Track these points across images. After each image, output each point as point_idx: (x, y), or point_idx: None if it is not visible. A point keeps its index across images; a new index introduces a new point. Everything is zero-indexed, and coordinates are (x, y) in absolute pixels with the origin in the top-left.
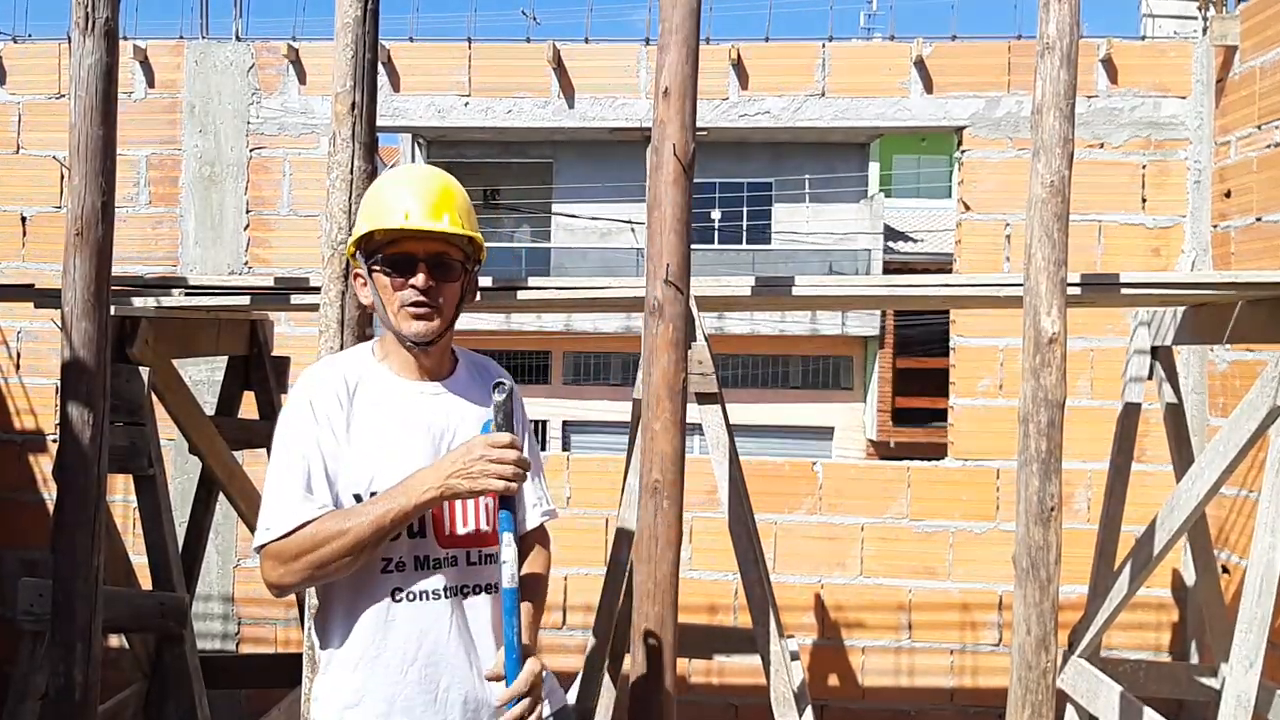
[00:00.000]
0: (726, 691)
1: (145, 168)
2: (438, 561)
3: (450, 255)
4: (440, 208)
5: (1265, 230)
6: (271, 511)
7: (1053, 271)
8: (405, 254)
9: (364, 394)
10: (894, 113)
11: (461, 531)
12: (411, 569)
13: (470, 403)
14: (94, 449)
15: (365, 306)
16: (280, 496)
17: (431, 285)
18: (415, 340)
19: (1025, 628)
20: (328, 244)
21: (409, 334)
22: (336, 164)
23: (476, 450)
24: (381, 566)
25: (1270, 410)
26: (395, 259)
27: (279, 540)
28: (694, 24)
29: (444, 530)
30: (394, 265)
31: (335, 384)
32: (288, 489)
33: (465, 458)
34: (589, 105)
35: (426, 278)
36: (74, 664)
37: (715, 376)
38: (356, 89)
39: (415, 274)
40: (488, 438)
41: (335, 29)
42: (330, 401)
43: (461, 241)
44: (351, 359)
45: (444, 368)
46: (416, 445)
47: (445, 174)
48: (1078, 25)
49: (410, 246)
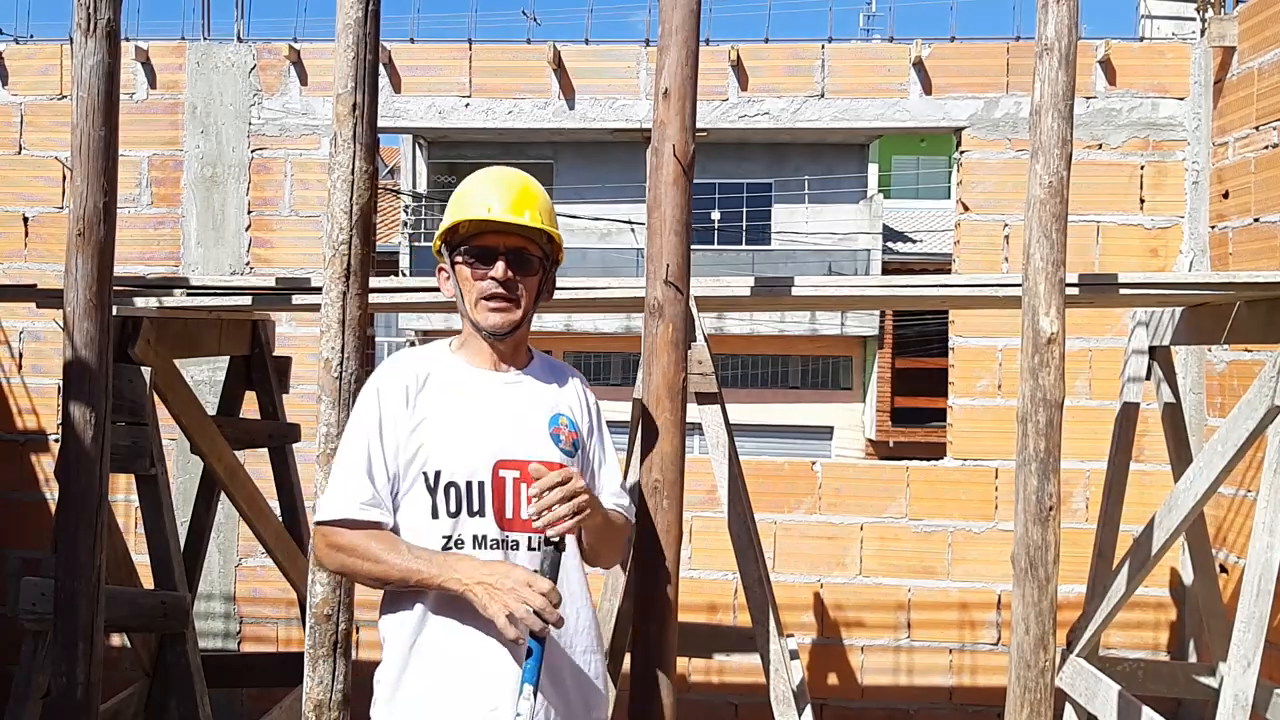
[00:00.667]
0: (726, 690)
1: (147, 168)
2: (496, 542)
3: (529, 251)
4: (522, 204)
5: (1263, 231)
6: (329, 494)
7: (1051, 272)
8: (487, 246)
9: (434, 383)
10: (893, 113)
11: (524, 516)
12: (470, 547)
13: (540, 391)
14: (96, 449)
15: (446, 300)
16: (338, 482)
17: (510, 277)
18: (492, 331)
19: (1024, 627)
20: (329, 244)
21: (486, 325)
22: (338, 165)
23: (517, 576)
24: (442, 544)
25: (1268, 410)
26: (477, 251)
27: (328, 524)
28: (694, 25)
29: (504, 513)
30: (475, 256)
31: (404, 375)
32: (346, 476)
33: (503, 577)
34: (589, 106)
35: (506, 269)
36: (76, 663)
37: (715, 376)
38: (358, 90)
39: (495, 265)
40: (534, 577)
41: (336, 30)
42: (397, 391)
43: (540, 239)
44: (424, 352)
45: (520, 360)
46: (481, 427)
47: (528, 175)
48: (1076, 26)
49: (491, 240)
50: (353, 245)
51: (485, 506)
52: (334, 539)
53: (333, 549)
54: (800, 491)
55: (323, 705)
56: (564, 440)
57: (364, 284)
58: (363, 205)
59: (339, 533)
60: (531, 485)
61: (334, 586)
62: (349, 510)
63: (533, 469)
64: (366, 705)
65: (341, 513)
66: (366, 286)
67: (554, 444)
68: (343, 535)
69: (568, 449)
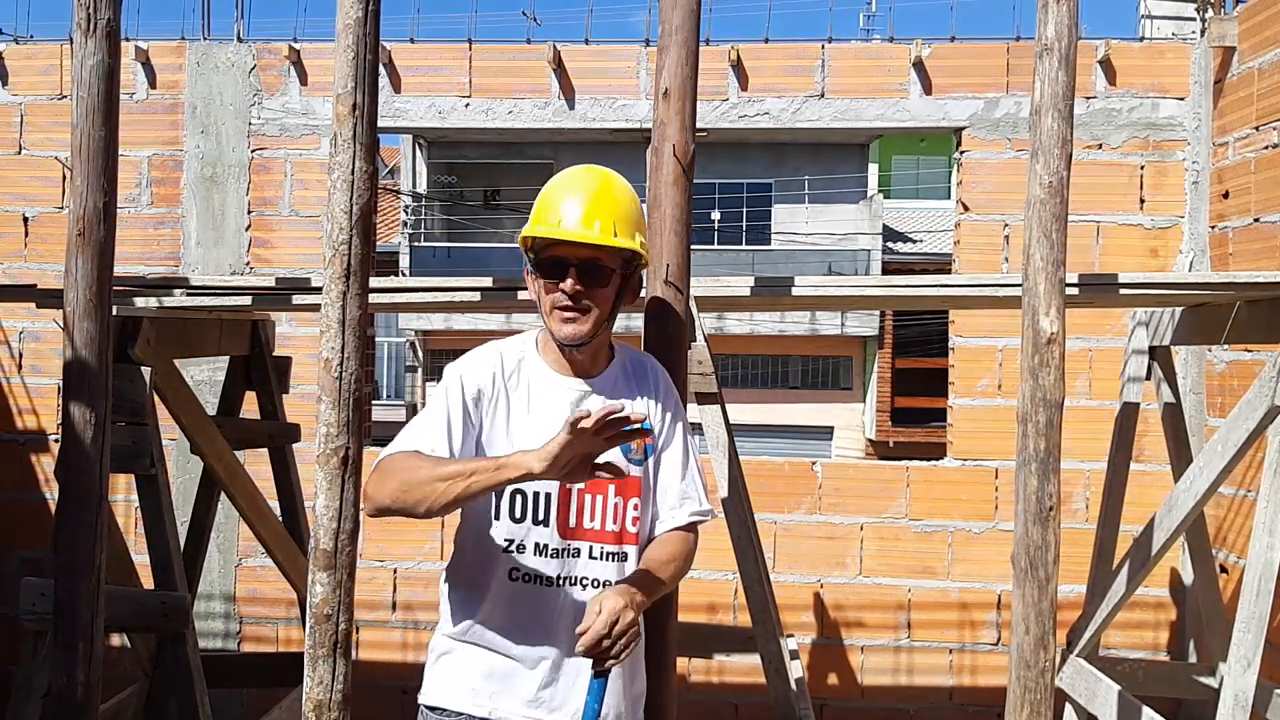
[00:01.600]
0: (726, 690)
1: (147, 168)
2: (557, 551)
3: (602, 261)
4: (595, 215)
5: (1263, 231)
6: (399, 439)
7: (1051, 272)
8: (557, 258)
9: (517, 380)
10: (893, 114)
11: (587, 525)
12: (531, 553)
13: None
14: (96, 449)
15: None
16: (406, 436)
17: (579, 290)
18: (564, 342)
19: (1024, 627)
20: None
21: (558, 336)
22: (338, 165)
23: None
24: (504, 546)
25: (1268, 410)
26: (548, 263)
27: (389, 458)
28: (694, 25)
29: (567, 523)
30: (546, 269)
31: (493, 363)
32: (417, 433)
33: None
34: (589, 106)
35: (575, 282)
36: (76, 663)
37: (715, 376)
38: (358, 90)
39: (565, 278)
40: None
41: (336, 30)
42: (483, 377)
43: (616, 248)
44: (516, 344)
45: (597, 365)
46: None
47: (615, 178)
48: (1076, 27)
49: (562, 251)
50: (353, 245)
51: (550, 517)
52: (384, 467)
53: (384, 475)
54: (800, 491)
55: (323, 706)
56: (635, 449)
57: (364, 284)
58: (363, 205)
59: (391, 460)
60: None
61: (334, 587)
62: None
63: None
64: (365, 705)
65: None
66: (366, 286)
67: (623, 455)
68: (393, 460)
69: (638, 458)
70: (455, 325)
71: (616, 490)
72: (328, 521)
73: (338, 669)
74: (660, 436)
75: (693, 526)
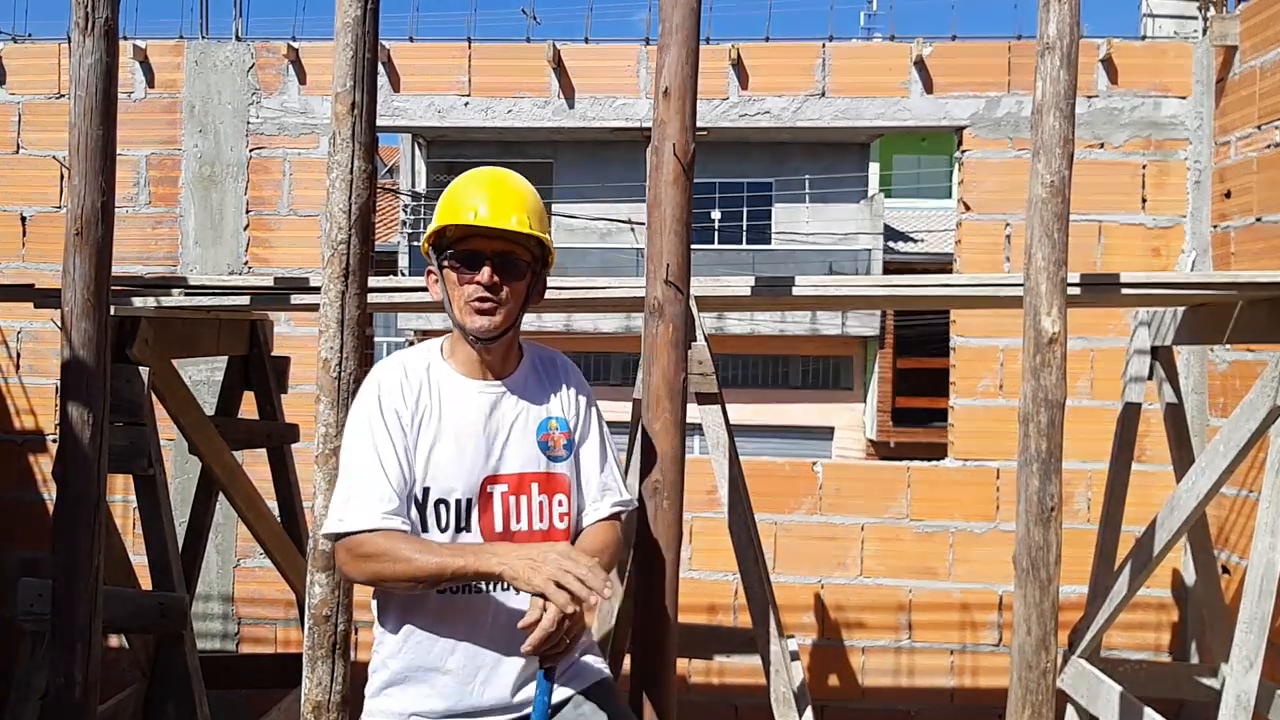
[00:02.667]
0: (726, 691)
1: (145, 168)
2: None
3: (517, 254)
4: (510, 208)
5: (1265, 230)
6: (346, 505)
7: (1053, 271)
8: (473, 251)
9: (428, 391)
10: (894, 113)
11: (513, 528)
12: None
13: (526, 401)
14: (94, 449)
15: (435, 301)
16: (355, 491)
17: (496, 282)
18: (478, 335)
19: (1025, 628)
20: (327, 244)
21: (471, 329)
22: (336, 164)
23: (554, 553)
24: None
25: (1270, 410)
26: (463, 255)
27: (351, 536)
28: (694, 24)
29: (492, 529)
30: (462, 261)
31: (400, 378)
32: (363, 484)
33: (544, 553)
34: (589, 105)
35: (491, 274)
36: (74, 664)
37: (715, 376)
38: (356, 89)
39: (481, 270)
40: (571, 550)
41: (335, 29)
42: (396, 396)
43: (529, 242)
44: (419, 355)
45: (507, 366)
46: (469, 446)
47: (518, 176)
48: (1078, 25)
49: (478, 244)
50: (351, 245)
51: (471, 521)
52: (360, 549)
53: (361, 560)
54: (801, 492)
55: (321, 706)
56: (554, 446)
57: (363, 284)
58: (361, 205)
59: (364, 541)
60: (530, 632)
61: (332, 587)
62: (372, 520)
63: (525, 623)
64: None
65: (365, 524)
66: (365, 286)
67: (543, 453)
68: (368, 543)
69: (559, 454)
70: None
71: (540, 488)
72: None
73: (336, 670)
74: (577, 430)
75: (617, 516)
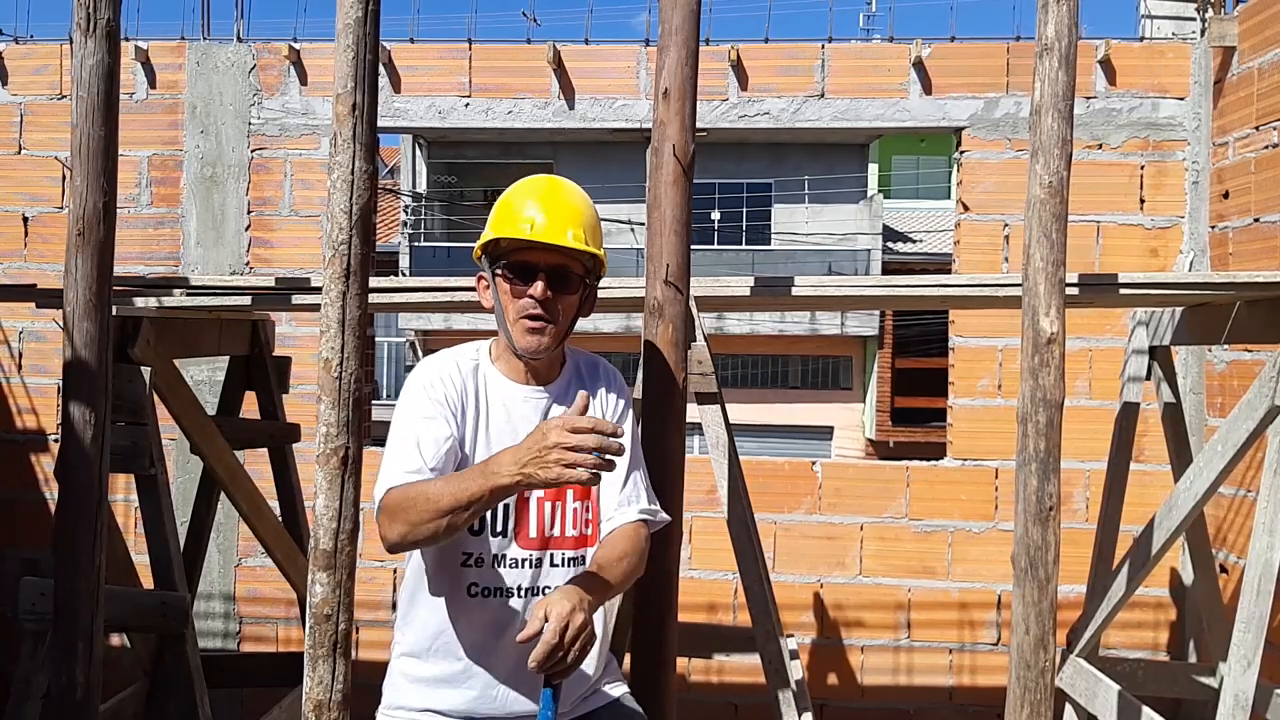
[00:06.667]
0: (726, 691)
1: (147, 168)
2: (516, 561)
3: (571, 269)
4: (565, 222)
5: (1263, 231)
6: (383, 473)
7: (1051, 272)
8: (527, 263)
9: (474, 388)
10: (893, 113)
11: (549, 533)
12: (489, 565)
13: (567, 408)
14: (95, 449)
15: (486, 309)
16: (391, 460)
17: (548, 297)
18: (526, 354)
19: (1024, 627)
20: (329, 244)
21: (521, 347)
22: (338, 165)
23: (552, 436)
24: (462, 560)
25: (1268, 410)
26: (517, 267)
27: (386, 496)
28: (694, 25)
29: (526, 531)
30: (515, 273)
31: (452, 371)
32: (395, 459)
33: (540, 444)
34: (589, 106)
35: (545, 288)
36: (75, 663)
37: (715, 376)
38: (358, 90)
39: (534, 284)
40: (563, 420)
41: (336, 30)
42: (447, 385)
43: (583, 256)
44: (469, 354)
45: (553, 372)
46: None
47: (573, 186)
48: (1076, 26)
49: (532, 257)
50: (352, 245)
51: (509, 528)
52: (387, 510)
53: (389, 520)
54: (800, 491)
55: (323, 706)
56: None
57: (364, 284)
58: (362, 205)
59: (388, 502)
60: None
61: (334, 586)
62: (395, 481)
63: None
64: (365, 705)
65: (388, 485)
66: (366, 286)
67: None
68: (390, 501)
69: None
70: (455, 325)
71: (576, 494)
72: (327, 521)
73: (337, 669)
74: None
75: (643, 524)
